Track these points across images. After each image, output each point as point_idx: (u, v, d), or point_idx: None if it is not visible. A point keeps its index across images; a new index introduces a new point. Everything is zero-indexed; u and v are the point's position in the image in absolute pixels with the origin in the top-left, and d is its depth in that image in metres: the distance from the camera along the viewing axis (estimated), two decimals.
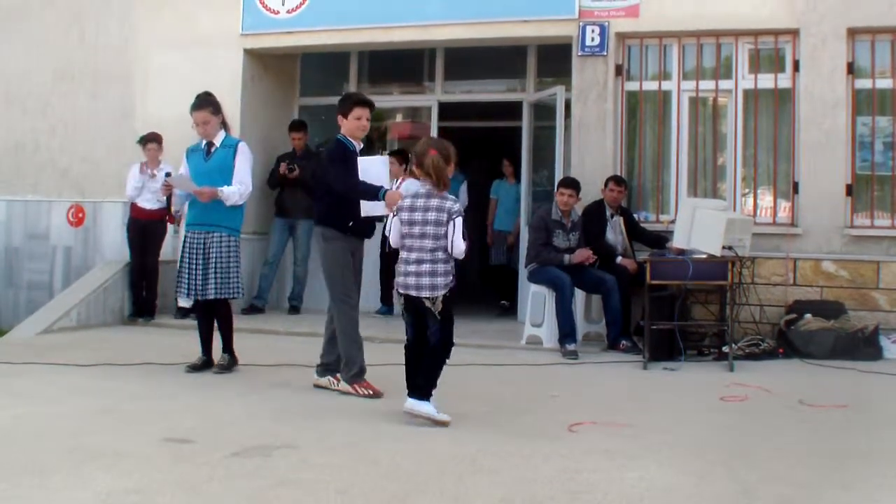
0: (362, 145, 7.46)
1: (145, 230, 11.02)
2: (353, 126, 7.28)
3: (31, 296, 11.41)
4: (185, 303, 10.27)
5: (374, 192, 6.95)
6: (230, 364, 7.98)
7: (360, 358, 7.25)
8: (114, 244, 11.32)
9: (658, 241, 9.99)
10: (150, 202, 11.00)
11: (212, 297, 7.81)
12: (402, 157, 11.52)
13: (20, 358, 8.55)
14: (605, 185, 10.15)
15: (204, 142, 7.97)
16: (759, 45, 10.39)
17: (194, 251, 7.83)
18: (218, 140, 7.93)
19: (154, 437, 5.64)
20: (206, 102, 7.90)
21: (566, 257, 9.58)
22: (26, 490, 4.55)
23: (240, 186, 7.81)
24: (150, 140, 11.05)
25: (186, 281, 7.84)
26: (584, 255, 9.59)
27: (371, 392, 7.07)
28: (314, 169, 9.30)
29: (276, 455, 5.26)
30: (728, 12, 10.25)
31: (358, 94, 8.24)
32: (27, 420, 6.13)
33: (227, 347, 8.03)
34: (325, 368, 7.39)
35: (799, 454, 5.53)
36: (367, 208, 7.18)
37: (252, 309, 11.82)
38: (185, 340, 8.44)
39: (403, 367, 6.38)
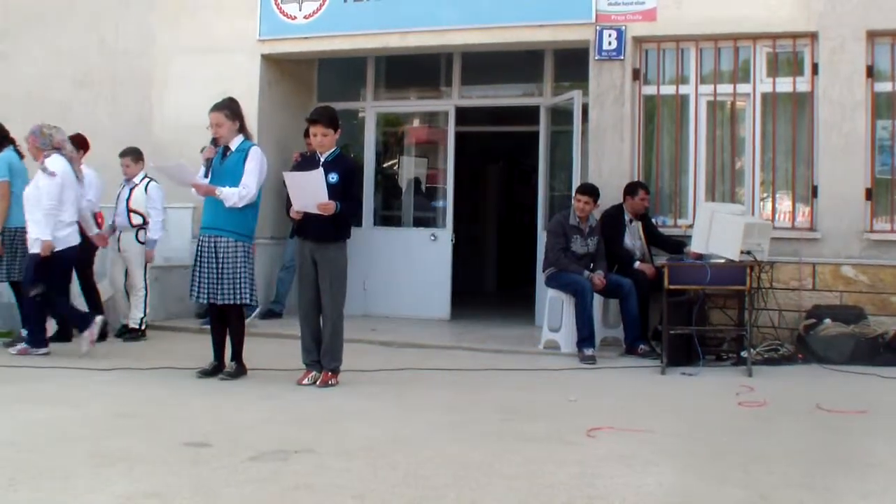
0: (322, 158, 7.79)
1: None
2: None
3: None
4: (196, 306, 10.31)
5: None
6: (237, 373, 7.94)
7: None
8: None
9: (676, 246, 9.96)
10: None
11: (220, 302, 7.83)
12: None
13: (41, 362, 8.59)
14: (634, 193, 10.10)
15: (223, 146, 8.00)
16: (777, 49, 10.36)
17: (205, 255, 7.83)
18: (234, 144, 7.94)
19: (173, 441, 5.66)
20: (223, 105, 7.93)
21: (586, 273, 9.55)
22: (47, 493, 4.57)
23: (241, 189, 7.74)
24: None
25: (197, 284, 7.86)
26: (599, 283, 9.55)
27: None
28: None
29: (293, 459, 5.26)
30: (745, 16, 10.22)
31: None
32: (48, 424, 6.15)
33: (236, 356, 8.01)
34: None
35: (817, 460, 5.50)
36: (298, 202, 7.63)
37: (269, 314, 11.85)
38: (204, 345, 8.45)
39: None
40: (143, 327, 10.39)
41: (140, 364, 8.47)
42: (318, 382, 7.63)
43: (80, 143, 10.35)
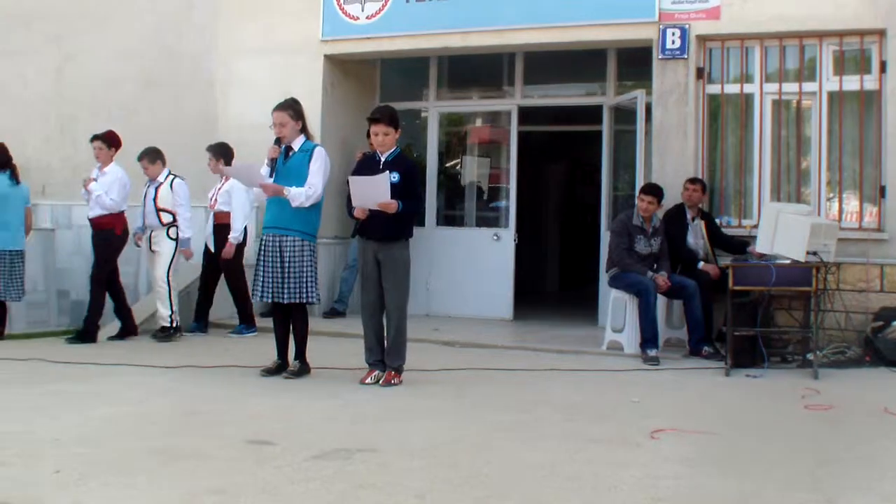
0: (382, 158, 7.82)
1: (92, 240, 10.38)
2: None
3: None
4: (260, 305, 10.40)
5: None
6: (301, 371, 7.98)
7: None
8: (195, 249, 11.38)
9: (739, 246, 9.86)
10: (92, 209, 10.27)
11: (285, 301, 7.88)
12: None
13: (107, 359, 8.74)
14: (684, 187, 10.08)
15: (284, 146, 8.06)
16: (843, 47, 10.20)
17: (269, 254, 7.88)
18: (296, 145, 7.99)
19: (236, 440, 5.71)
20: (287, 105, 8.00)
21: (650, 273, 9.49)
22: (114, 489, 4.64)
23: (308, 189, 7.80)
24: (95, 138, 10.42)
25: (261, 283, 7.92)
26: (663, 283, 9.48)
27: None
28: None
29: (356, 458, 5.28)
30: (811, 13, 10.07)
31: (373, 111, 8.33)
32: (114, 421, 6.24)
33: (300, 354, 8.06)
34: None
35: (885, 465, 5.42)
36: (358, 201, 7.67)
37: (333, 313, 11.94)
38: (267, 344, 8.53)
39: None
40: (174, 325, 10.34)
41: (203, 362, 8.56)
42: (381, 381, 7.65)
43: (112, 140, 10.47)
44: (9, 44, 13.66)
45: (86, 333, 10.13)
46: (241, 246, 10.63)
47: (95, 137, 10.46)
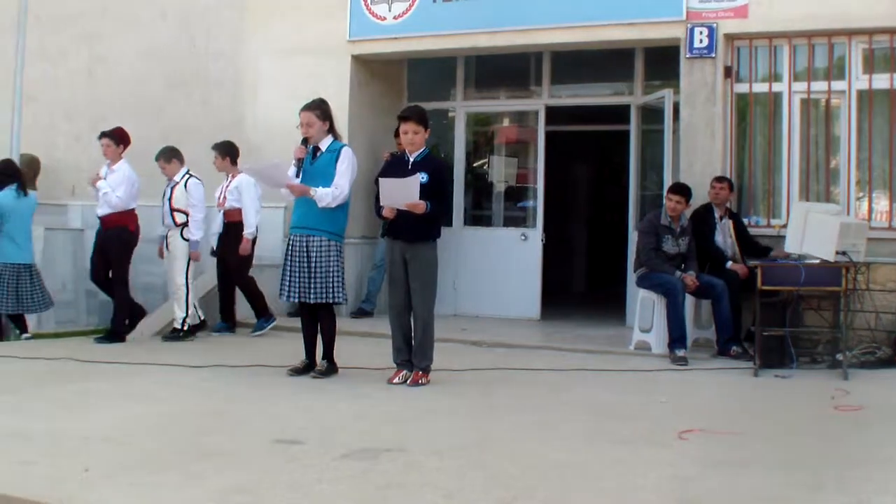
0: (411, 158, 7.82)
1: (102, 240, 10.39)
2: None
3: (146, 298, 11.62)
4: (287, 305, 10.38)
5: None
6: (328, 371, 7.99)
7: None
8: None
9: (763, 251, 9.79)
10: (101, 207, 10.26)
11: (312, 301, 7.90)
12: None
13: (136, 359, 8.80)
14: (711, 186, 10.05)
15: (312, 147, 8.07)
16: (873, 45, 10.12)
17: (296, 254, 7.90)
18: (324, 145, 8.01)
19: (264, 438, 5.73)
20: (314, 105, 8.01)
21: (678, 273, 9.45)
22: (142, 487, 4.67)
23: (334, 190, 7.80)
24: (103, 135, 10.38)
25: (288, 283, 7.93)
26: (691, 283, 9.44)
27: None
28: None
29: (384, 458, 5.30)
30: (840, 11, 9.99)
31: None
32: (143, 419, 6.28)
33: (328, 354, 8.06)
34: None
35: None
36: (387, 201, 7.64)
37: (360, 312, 11.95)
38: (294, 344, 8.55)
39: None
40: (184, 328, 10.26)
41: (231, 361, 8.60)
42: (408, 381, 7.66)
43: (120, 137, 10.44)
44: (41, 46, 13.75)
45: (114, 333, 10.17)
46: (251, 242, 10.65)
47: (103, 134, 10.43)
